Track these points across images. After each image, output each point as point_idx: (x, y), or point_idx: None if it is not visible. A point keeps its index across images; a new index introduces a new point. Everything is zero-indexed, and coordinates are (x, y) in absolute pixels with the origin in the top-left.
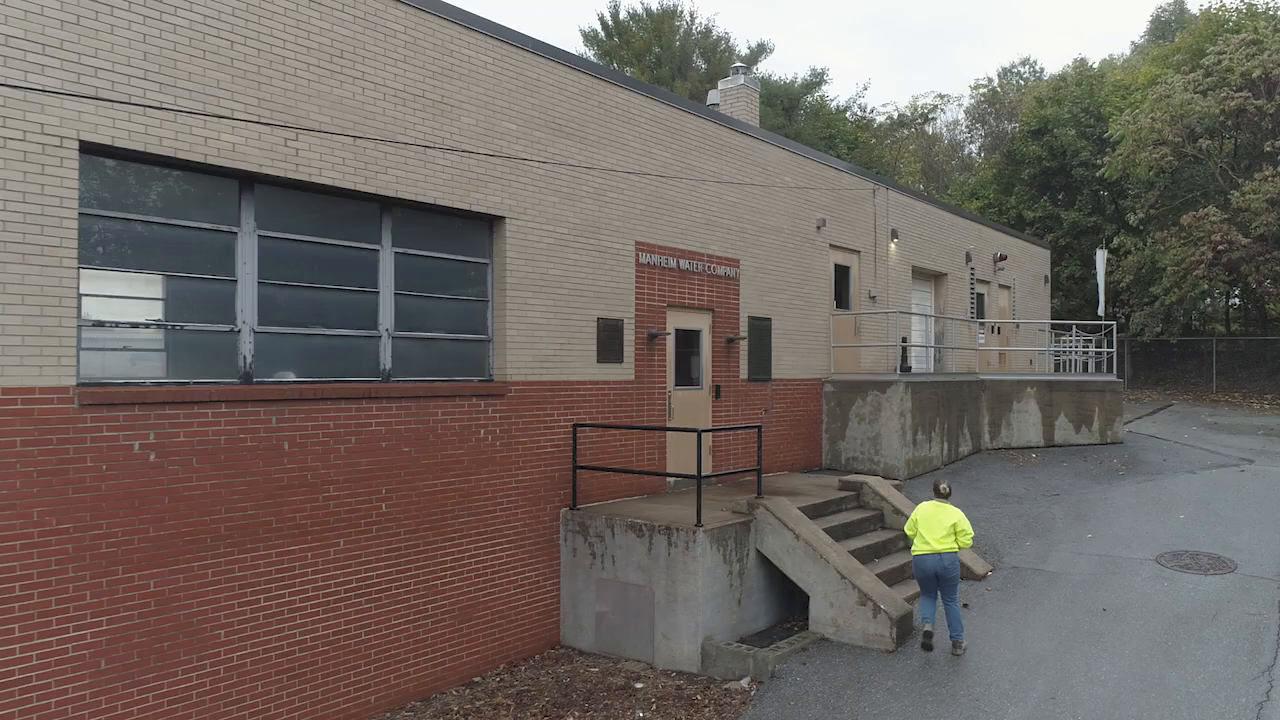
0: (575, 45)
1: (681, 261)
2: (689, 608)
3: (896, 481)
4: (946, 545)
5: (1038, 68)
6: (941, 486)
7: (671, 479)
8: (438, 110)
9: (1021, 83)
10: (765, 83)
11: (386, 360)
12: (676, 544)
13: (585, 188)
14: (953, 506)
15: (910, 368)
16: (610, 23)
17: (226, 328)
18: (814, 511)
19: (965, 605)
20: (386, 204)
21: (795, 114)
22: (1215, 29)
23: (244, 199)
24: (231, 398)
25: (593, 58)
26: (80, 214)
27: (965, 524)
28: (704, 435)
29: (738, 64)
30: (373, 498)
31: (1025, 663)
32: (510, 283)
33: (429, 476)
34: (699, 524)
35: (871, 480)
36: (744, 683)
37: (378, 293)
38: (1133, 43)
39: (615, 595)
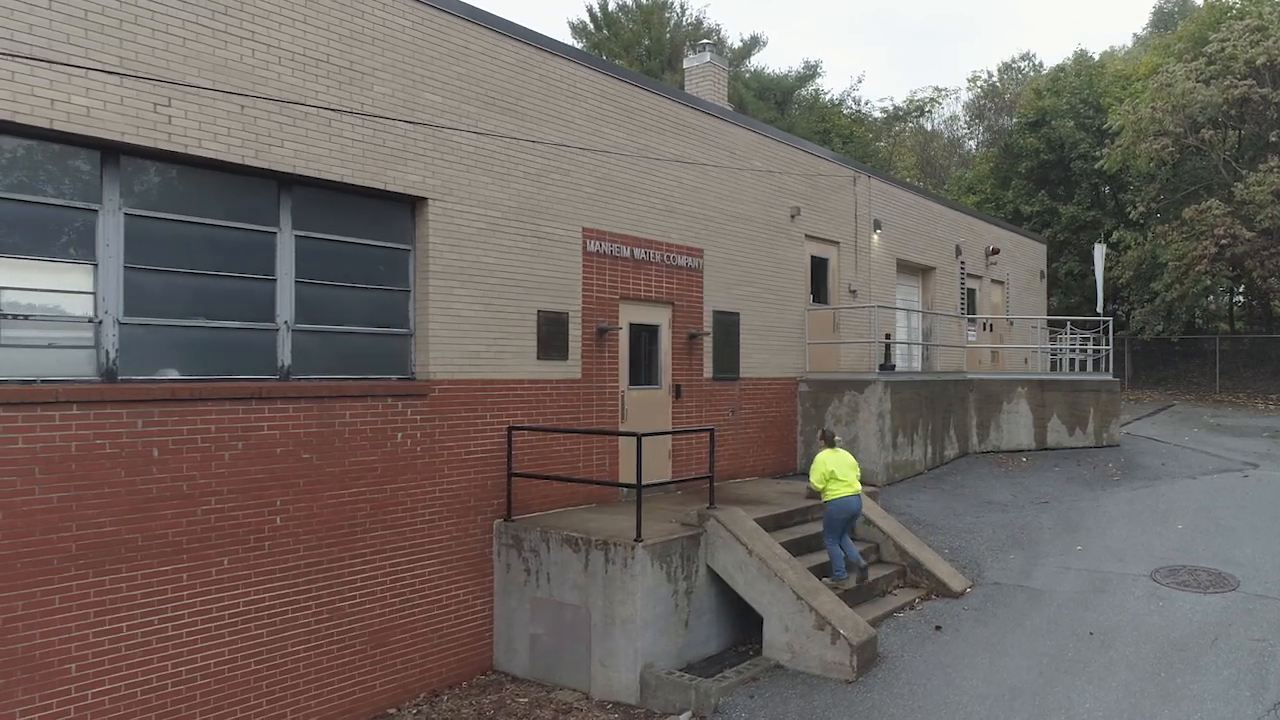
0: (564, 38)
1: (636, 250)
2: (627, 631)
3: (873, 488)
4: (858, 486)
5: (1037, 62)
6: (836, 439)
7: (624, 488)
8: (345, 78)
9: (1021, 78)
10: (758, 76)
11: (285, 356)
12: (614, 560)
13: (523, 168)
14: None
15: (894, 366)
16: (599, 15)
17: (85, 318)
18: (775, 523)
19: (938, 627)
20: (285, 181)
21: (789, 108)
22: (1218, 16)
23: (106, 172)
24: (85, 398)
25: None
26: None
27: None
28: (663, 439)
29: (704, 41)
30: (265, 510)
31: (1000, 696)
32: (434, 271)
33: (334, 486)
34: (639, 538)
35: None
36: (684, 718)
37: (275, 280)
38: (1134, 35)
39: (550, 616)
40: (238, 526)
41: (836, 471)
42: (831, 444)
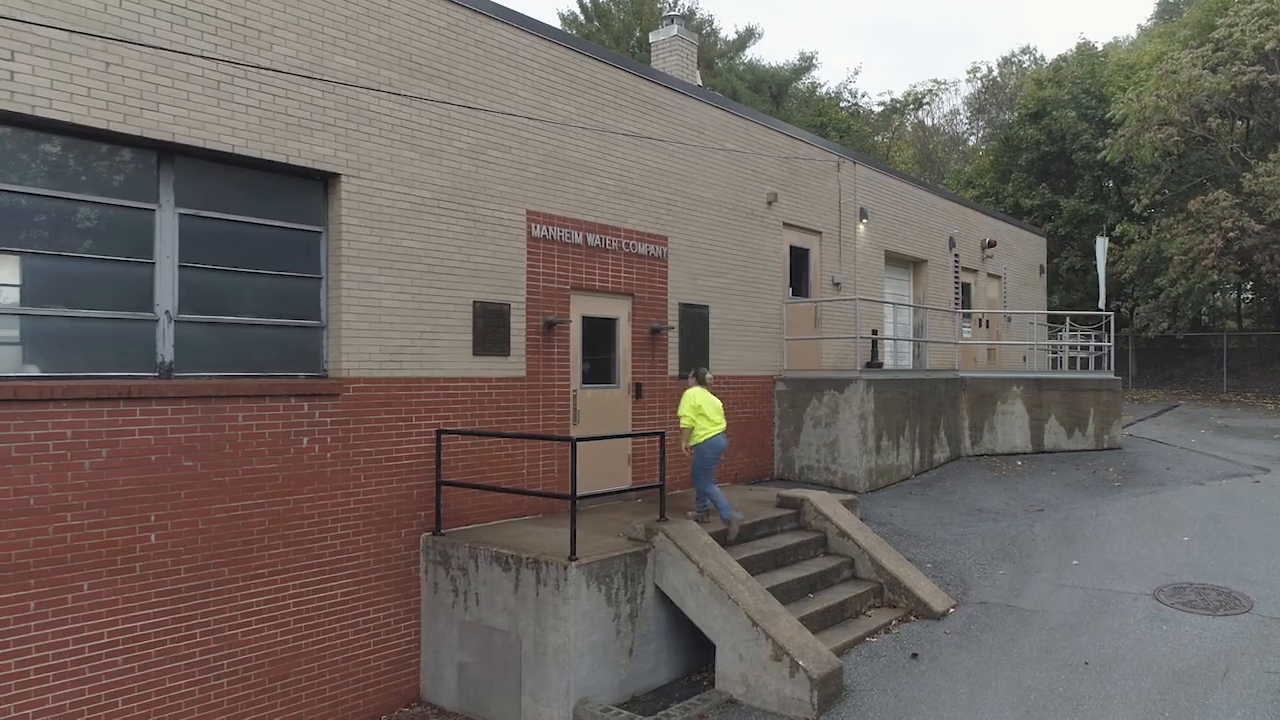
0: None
1: (590, 236)
2: (559, 662)
3: (853, 495)
4: (724, 425)
5: (1038, 55)
6: (708, 377)
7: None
8: (237, 35)
9: (1021, 72)
10: (753, 68)
11: (167, 350)
12: (546, 581)
13: (456, 143)
14: None
15: (882, 364)
16: (589, 6)
17: None
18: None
19: (915, 655)
20: (165, 151)
21: (784, 101)
22: (1226, 1)
23: None
24: None
25: None
26: None
27: None
28: (624, 442)
29: (671, 13)
30: (136, 526)
31: None
32: (349, 256)
33: (224, 498)
34: (573, 556)
35: (814, 496)
36: None
37: (153, 264)
38: (1139, 26)
39: (479, 643)
40: (102, 545)
41: (706, 409)
42: (703, 382)
